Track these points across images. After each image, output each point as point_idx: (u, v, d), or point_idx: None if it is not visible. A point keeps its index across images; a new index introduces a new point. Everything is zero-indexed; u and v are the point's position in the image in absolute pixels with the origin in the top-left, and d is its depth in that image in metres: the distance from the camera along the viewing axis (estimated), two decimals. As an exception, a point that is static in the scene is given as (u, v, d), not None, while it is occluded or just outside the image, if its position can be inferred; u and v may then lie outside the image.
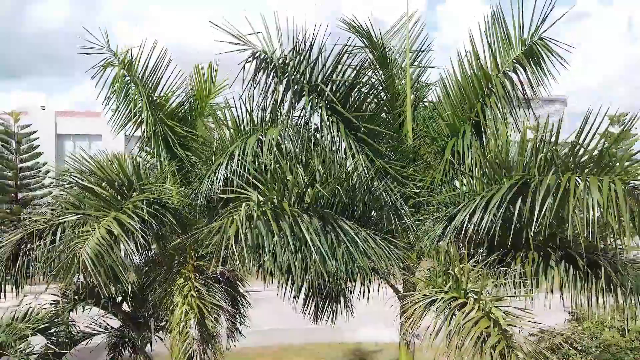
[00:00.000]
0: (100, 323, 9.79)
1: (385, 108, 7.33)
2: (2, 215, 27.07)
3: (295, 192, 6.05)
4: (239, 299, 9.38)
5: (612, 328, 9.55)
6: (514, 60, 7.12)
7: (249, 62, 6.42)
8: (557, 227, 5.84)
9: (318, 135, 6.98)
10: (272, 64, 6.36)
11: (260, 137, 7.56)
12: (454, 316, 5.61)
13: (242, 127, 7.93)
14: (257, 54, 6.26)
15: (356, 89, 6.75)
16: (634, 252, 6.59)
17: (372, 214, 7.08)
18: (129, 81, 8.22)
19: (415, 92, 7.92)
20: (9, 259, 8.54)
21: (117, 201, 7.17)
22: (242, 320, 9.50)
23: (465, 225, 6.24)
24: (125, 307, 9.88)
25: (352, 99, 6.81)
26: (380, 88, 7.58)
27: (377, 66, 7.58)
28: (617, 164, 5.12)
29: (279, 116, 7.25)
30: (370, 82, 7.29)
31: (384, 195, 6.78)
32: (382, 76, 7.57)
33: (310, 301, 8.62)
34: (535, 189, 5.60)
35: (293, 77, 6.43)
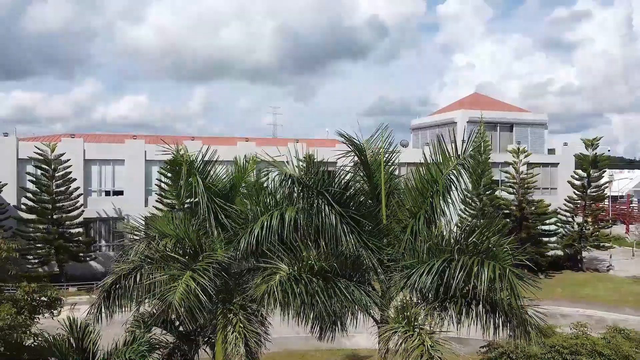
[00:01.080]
0: (162, 339, 13.39)
1: (368, 199, 10.93)
2: (42, 235, 30.71)
3: (308, 264, 9.66)
4: (263, 321, 12.95)
5: (537, 344, 13.13)
6: (452, 169, 10.73)
7: (279, 177, 10.05)
8: (470, 285, 9.39)
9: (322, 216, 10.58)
10: (294, 180, 9.96)
11: (282, 212, 11.14)
12: (406, 341, 9.21)
13: (268, 205, 11.51)
14: (286, 175, 9.87)
15: (347, 192, 10.35)
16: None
17: (359, 272, 10.67)
18: (190, 172, 11.80)
19: (389, 183, 11.50)
20: (103, 296, 12.21)
21: (188, 261, 10.76)
22: (265, 337, 13.05)
23: (417, 281, 9.82)
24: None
25: (345, 197, 10.41)
26: (363, 181, 11.21)
27: (362, 166, 11.23)
28: (498, 254, 8.74)
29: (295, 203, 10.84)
30: (356, 180, 10.92)
31: (366, 260, 10.38)
32: (364, 173, 11.23)
33: (316, 325, 12.17)
34: (455, 264, 9.20)
35: (307, 187, 10.03)
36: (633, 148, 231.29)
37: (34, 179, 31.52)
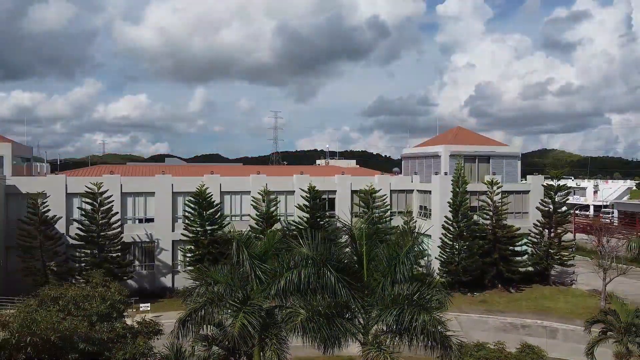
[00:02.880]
0: (215, 352, 19.53)
1: (355, 264, 17.10)
2: (91, 259, 36.84)
3: (317, 308, 15.80)
4: (287, 342, 19.09)
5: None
6: (409, 246, 16.86)
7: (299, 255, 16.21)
8: (414, 324, 15.48)
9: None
10: (308, 256, 16.11)
11: (300, 271, 17.25)
12: (377, 357, 15.32)
13: (290, 264, 17.63)
14: (303, 254, 16.02)
15: (342, 261, 16.51)
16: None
17: (349, 312, 16.81)
18: (239, 244, 17.93)
19: (369, 252, 17.61)
20: (180, 326, 18.34)
21: (240, 304, 16.88)
22: (287, 352, 19.17)
23: (384, 319, 15.94)
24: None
25: (340, 264, 16.56)
26: (352, 253, 17.38)
27: (351, 239, 17.41)
28: (428, 307, 14.90)
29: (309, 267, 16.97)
30: (347, 251, 17.08)
31: (354, 305, 16.52)
32: (353, 244, 17.41)
33: (321, 345, 18.27)
34: (405, 311, 15.32)
35: (315, 260, 16.18)
36: (632, 148, 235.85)
37: (84, 212, 37.68)
